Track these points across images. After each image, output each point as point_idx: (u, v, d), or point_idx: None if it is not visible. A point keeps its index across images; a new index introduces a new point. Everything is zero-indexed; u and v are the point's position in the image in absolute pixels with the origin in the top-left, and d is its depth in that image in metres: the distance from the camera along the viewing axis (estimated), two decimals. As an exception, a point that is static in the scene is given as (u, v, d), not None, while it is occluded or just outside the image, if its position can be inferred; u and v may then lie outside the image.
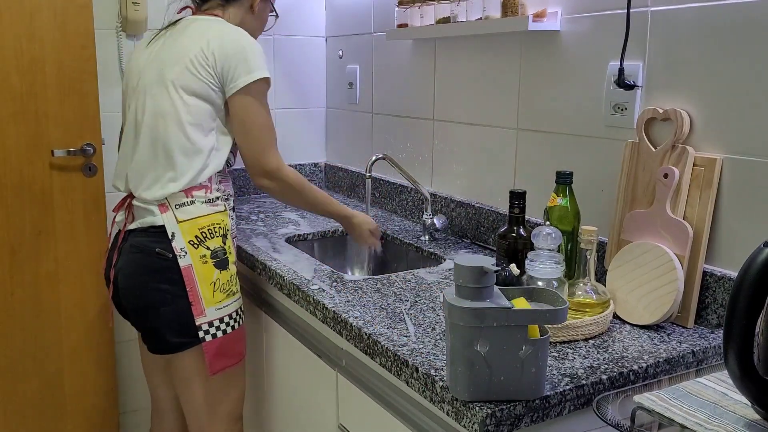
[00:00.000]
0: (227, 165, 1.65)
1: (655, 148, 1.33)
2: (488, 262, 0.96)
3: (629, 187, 1.38)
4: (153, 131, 1.56)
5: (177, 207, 1.56)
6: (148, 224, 1.56)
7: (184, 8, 1.73)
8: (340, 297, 1.41)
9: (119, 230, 1.64)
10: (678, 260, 1.25)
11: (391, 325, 1.26)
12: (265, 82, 1.62)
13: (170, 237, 1.54)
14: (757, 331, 0.85)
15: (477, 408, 0.96)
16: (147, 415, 2.39)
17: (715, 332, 1.24)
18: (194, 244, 1.55)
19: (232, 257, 1.61)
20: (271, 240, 1.87)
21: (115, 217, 1.67)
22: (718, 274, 1.25)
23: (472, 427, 0.97)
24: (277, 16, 1.84)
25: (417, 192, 2.07)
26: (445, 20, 1.81)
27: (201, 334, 1.54)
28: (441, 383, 1.03)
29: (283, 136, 2.56)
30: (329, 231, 2.01)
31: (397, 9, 1.99)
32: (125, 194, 1.65)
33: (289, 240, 1.91)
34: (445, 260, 1.72)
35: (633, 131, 1.39)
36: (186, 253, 1.54)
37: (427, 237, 1.88)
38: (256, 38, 1.69)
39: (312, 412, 1.54)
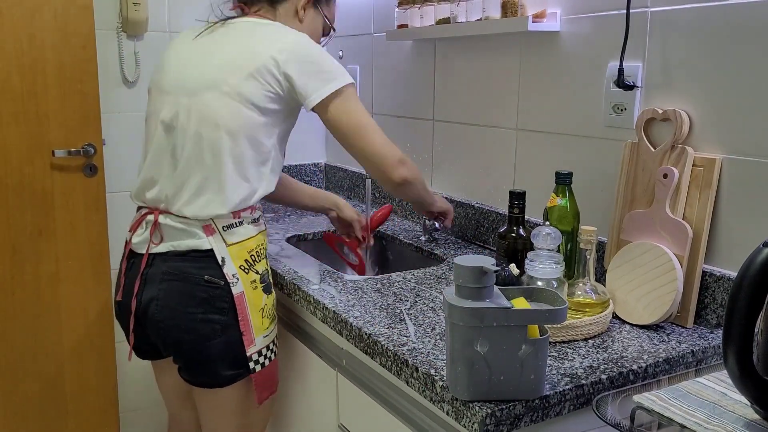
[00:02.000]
0: None
1: (655, 149, 1.33)
2: (488, 262, 0.96)
3: (629, 187, 1.38)
4: (202, 141, 1.39)
5: (225, 229, 1.41)
6: (187, 248, 1.40)
7: (237, 6, 1.59)
8: (340, 297, 1.42)
9: (137, 252, 1.46)
10: (677, 260, 1.25)
11: (391, 325, 1.26)
12: (351, 86, 1.47)
13: (220, 263, 1.39)
14: (756, 331, 0.86)
15: (477, 408, 0.96)
16: (147, 415, 2.40)
17: (715, 332, 1.25)
18: (245, 269, 1.42)
19: (270, 279, 1.51)
20: (271, 240, 1.87)
21: (131, 237, 1.48)
22: (718, 274, 1.25)
23: (471, 427, 0.97)
24: (333, 30, 1.66)
25: (417, 192, 2.07)
26: (445, 21, 1.81)
27: (251, 365, 1.42)
28: (441, 383, 1.03)
29: (283, 136, 2.57)
30: (329, 231, 2.01)
31: (397, 9, 2.00)
32: (145, 210, 1.48)
33: (290, 240, 1.91)
34: (445, 260, 1.72)
35: (632, 131, 1.40)
36: (238, 279, 1.40)
37: (427, 237, 1.89)
38: None
39: (312, 412, 1.54)
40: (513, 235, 1.45)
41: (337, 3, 1.68)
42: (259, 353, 1.44)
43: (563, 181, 1.39)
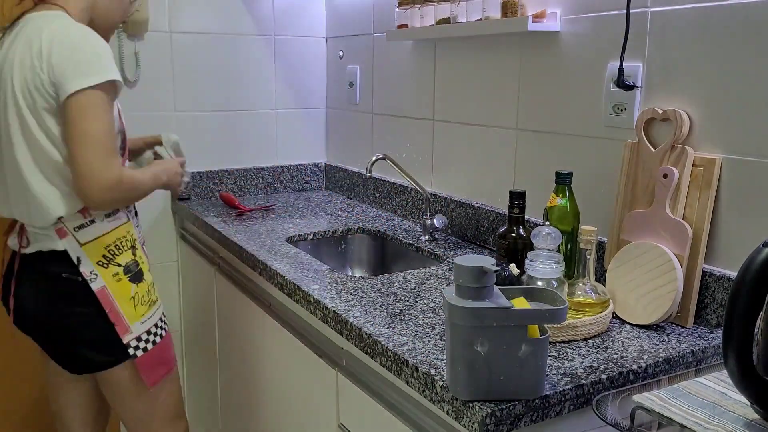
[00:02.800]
0: None
1: (655, 149, 1.33)
2: (488, 262, 0.96)
3: (629, 187, 1.38)
4: (14, 154, 1.41)
5: (76, 230, 1.47)
6: (48, 248, 1.47)
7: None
8: (340, 297, 1.42)
9: (14, 253, 1.55)
10: (677, 260, 1.25)
11: (391, 325, 1.26)
12: (103, 88, 1.38)
13: (76, 262, 1.46)
14: (756, 330, 0.86)
15: (477, 407, 0.96)
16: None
17: (715, 332, 1.25)
18: (103, 264, 1.49)
19: (145, 266, 1.57)
20: (271, 240, 1.87)
21: (6, 240, 1.57)
22: (718, 273, 1.25)
23: (472, 427, 0.97)
24: None
25: (417, 192, 2.07)
26: (445, 21, 1.81)
27: (131, 351, 1.51)
28: (441, 383, 1.03)
29: (283, 136, 2.58)
30: (329, 231, 2.01)
31: (397, 10, 2.00)
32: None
33: (290, 240, 1.92)
34: (445, 260, 1.72)
35: (632, 131, 1.40)
36: (97, 275, 1.47)
37: (427, 237, 1.89)
38: (114, 22, 1.56)
39: (312, 412, 1.55)
40: (513, 235, 1.45)
41: None
42: (138, 339, 1.53)
43: (563, 181, 1.39)
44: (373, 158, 1.90)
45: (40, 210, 1.44)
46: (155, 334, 1.56)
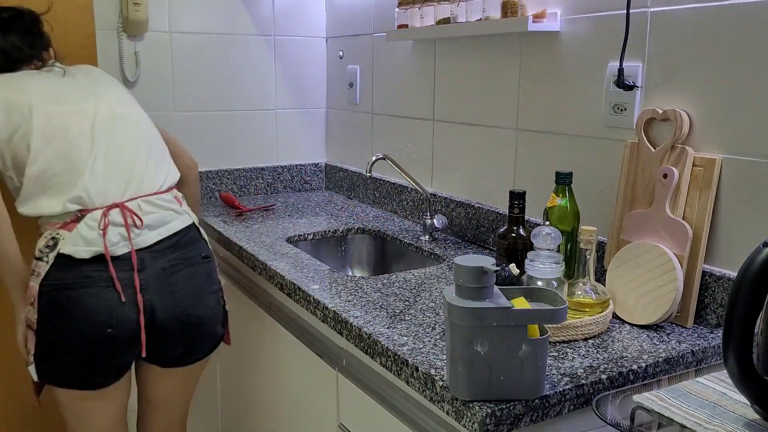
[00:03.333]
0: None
1: (655, 149, 1.33)
2: (488, 262, 0.96)
3: (629, 187, 1.38)
4: (150, 130, 1.66)
5: (183, 198, 1.65)
6: (176, 228, 1.54)
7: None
8: (340, 297, 1.42)
9: (125, 250, 1.47)
10: (677, 260, 1.25)
11: (391, 325, 1.26)
12: None
13: (198, 230, 1.60)
14: (756, 330, 0.86)
15: (477, 407, 0.96)
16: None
17: (715, 332, 1.25)
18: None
19: None
20: (271, 240, 1.88)
21: (105, 232, 1.45)
22: (718, 274, 1.26)
23: (472, 427, 0.97)
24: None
25: (417, 192, 2.07)
26: (445, 21, 1.81)
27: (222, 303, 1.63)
28: (441, 383, 1.03)
29: (283, 136, 2.58)
30: (329, 231, 2.01)
31: (397, 10, 2.00)
32: (104, 208, 1.47)
33: (290, 240, 1.92)
34: (445, 260, 1.72)
35: (632, 131, 1.40)
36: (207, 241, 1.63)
37: (427, 237, 1.89)
38: None
39: (312, 412, 1.55)
40: (513, 235, 1.45)
41: None
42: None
43: (563, 181, 1.39)
44: (373, 158, 1.90)
45: (170, 173, 1.61)
46: None
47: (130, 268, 1.44)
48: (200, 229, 1.61)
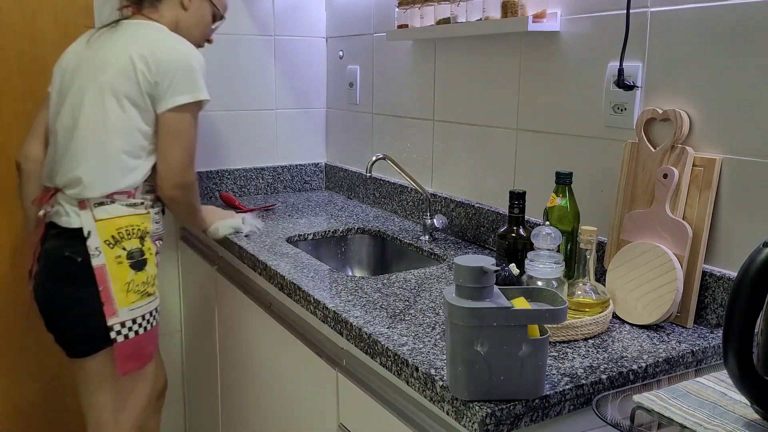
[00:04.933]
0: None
1: (655, 149, 1.33)
2: (488, 261, 0.96)
3: (629, 187, 1.38)
4: (81, 131, 1.58)
5: (96, 206, 1.57)
6: (63, 226, 1.58)
7: (125, 6, 1.72)
8: (340, 297, 1.42)
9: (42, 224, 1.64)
10: (677, 260, 1.25)
11: (391, 325, 1.26)
12: (201, 105, 1.66)
13: (86, 236, 1.55)
14: (756, 330, 0.86)
15: (477, 407, 0.96)
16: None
17: (715, 332, 1.25)
18: (110, 243, 1.57)
19: (152, 259, 1.64)
20: (271, 240, 1.88)
21: (38, 211, 1.67)
22: (718, 274, 1.26)
23: (472, 427, 0.97)
24: (222, 18, 1.84)
25: (417, 192, 2.07)
26: (445, 21, 1.81)
27: (113, 335, 1.56)
28: (441, 383, 1.03)
29: (283, 136, 2.58)
30: (329, 231, 2.01)
31: (397, 10, 2.00)
32: (51, 189, 1.65)
33: (290, 240, 1.92)
34: (445, 260, 1.72)
35: (632, 131, 1.40)
36: (100, 252, 1.55)
37: (427, 237, 1.89)
38: (195, 39, 1.72)
39: (312, 412, 1.55)
40: (513, 235, 1.45)
41: None
42: (122, 324, 1.57)
43: (563, 181, 1.39)
44: (373, 158, 1.90)
45: (101, 180, 1.57)
46: (140, 325, 1.60)
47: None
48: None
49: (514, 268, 1.31)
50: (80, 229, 1.56)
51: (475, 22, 1.70)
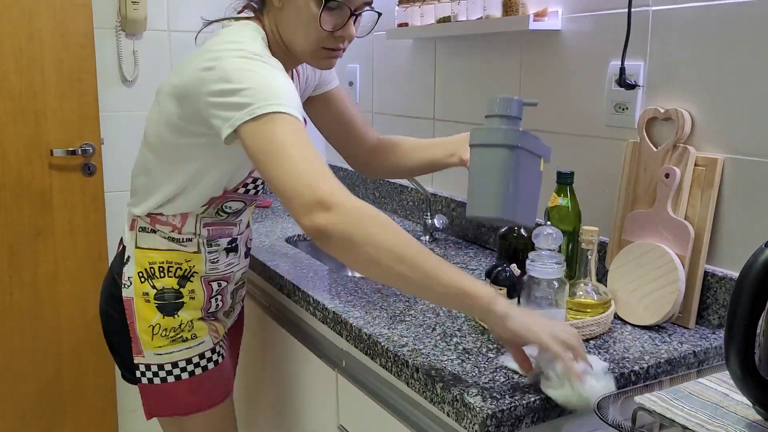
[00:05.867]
0: (219, 214, 1.36)
1: (657, 148, 1.33)
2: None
3: (630, 187, 1.38)
4: (143, 140, 1.36)
5: (140, 230, 1.36)
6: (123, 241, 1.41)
7: (245, 8, 1.37)
8: (339, 297, 1.41)
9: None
10: (679, 260, 1.25)
11: (391, 326, 1.25)
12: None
13: (125, 261, 1.37)
14: (758, 331, 0.85)
15: (477, 408, 0.96)
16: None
17: (717, 333, 1.24)
18: (142, 276, 1.34)
19: (193, 304, 1.37)
20: (271, 240, 1.87)
21: None
22: (720, 274, 1.25)
23: (472, 428, 0.97)
24: (337, 2, 1.28)
25: (417, 192, 2.06)
26: (446, 19, 1.80)
27: (138, 374, 1.36)
28: (441, 384, 1.03)
29: (282, 135, 2.57)
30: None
31: (397, 8, 1.99)
32: None
33: (289, 240, 1.91)
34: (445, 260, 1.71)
35: (634, 131, 1.39)
36: (131, 283, 1.35)
37: (427, 237, 1.88)
38: (301, 44, 1.28)
39: (311, 413, 1.54)
40: (514, 235, 1.44)
41: None
42: (147, 367, 1.35)
43: (564, 180, 1.39)
44: (373, 158, 1.90)
45: (145, 197, 1.34)
46: (169, 373, 1.35)
47: None
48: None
49: (514, 269, 1.30)
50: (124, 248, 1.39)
51: (476, 21, 1.69)
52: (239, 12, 1.37)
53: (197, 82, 1.16)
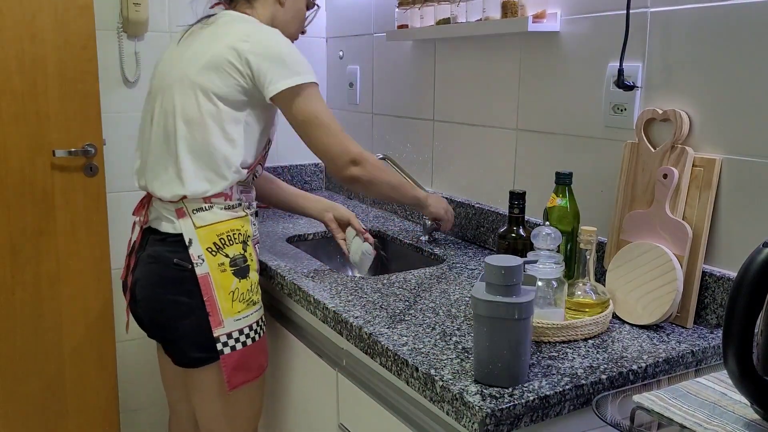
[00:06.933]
0: (254, 177, 1.59)
1: (655, 149, 1.33)
2: (517, 261, 1.03)
3: (628, 187, 1.38)
4: (165, 131, 1.50)
5: (194, 212, 1.49)
6: (164, 231, 1.51)
7: (217, 4, 1.65)
8: (340, 297, 1.42)
9: (139, 230, 1.58)
10: (677, 260, 1.26)
11: (391, 325, 1.26)
12: (311, 86, 1.50)
13: (187, 244, 1.47)
14: (756, 331, 0.86)
15: (477, 407, 0.96)
16: (147, 415, 2.40)
17: (715, 332, 1.25)
18: (212, 251, 1.48)
19: (253, 264, 1.54)
20: (271, 240, 1.88)
21: (135, 220, 1.62)
22: (717, 274, 1.26)
23: (472, 427, 0.97)
24: (317, 6, 1.73)
25: (417, 192, 2.07)
26: (445, 21, 1.81)
27: (219, 346, 1.46)
28: (441, 383, 1.03)
29: (283, 136, 2.57)
30: (329, 231, 2.01)
31: (397, 10, 2.00)
32: (143, 194, 1.61)
33: (290, 240, 1.92)
34: (445, 260, 1.72)
35: (632, 132, 1.40)
36: (203, 260, 1.47)
37: (426, 237, 1.89)
38: (291, 34, 1.62)
39: (312, 412, 1.55)
40: (513, 235, 1.45)
41: None
42: (229, 335, 1.48)
43: (563, 181, 1.39)
44: (374, 158, 1.90)
45: (175, 182, 1.49)
46: (247, 336, 1.50)
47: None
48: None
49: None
50: (180, 235, 1.49)
51: (475, 23, 1.70)
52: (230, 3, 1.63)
53: (233, 50, 1.46)
